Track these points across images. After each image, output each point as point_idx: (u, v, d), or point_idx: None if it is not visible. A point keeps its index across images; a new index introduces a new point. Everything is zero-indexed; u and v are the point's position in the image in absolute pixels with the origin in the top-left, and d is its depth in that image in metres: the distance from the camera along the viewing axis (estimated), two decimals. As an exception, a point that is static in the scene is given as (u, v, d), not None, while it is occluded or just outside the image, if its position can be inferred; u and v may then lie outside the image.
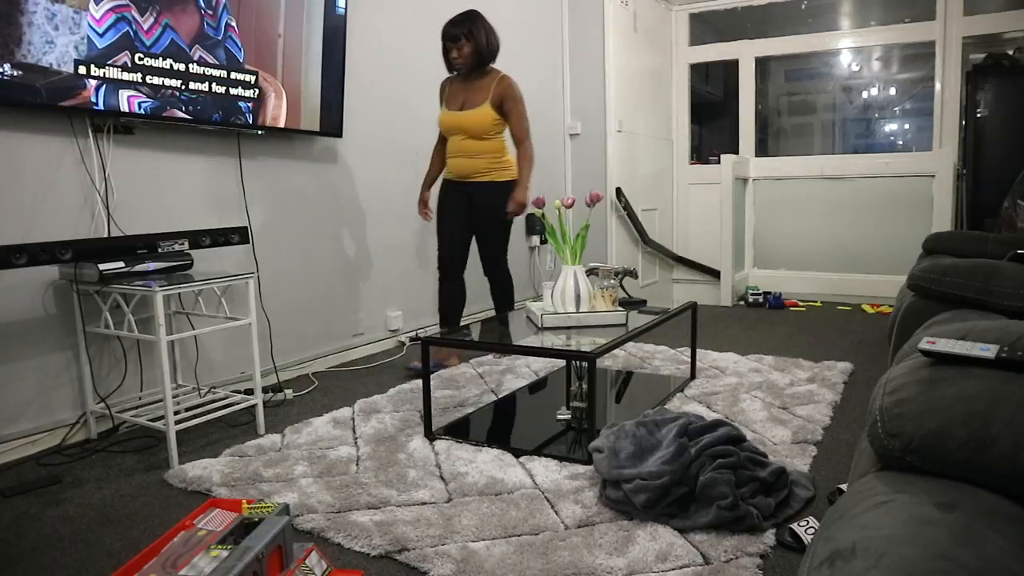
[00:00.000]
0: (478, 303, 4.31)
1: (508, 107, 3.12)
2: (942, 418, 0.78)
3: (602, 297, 2.57)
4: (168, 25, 2.47)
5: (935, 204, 4.62)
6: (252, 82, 2.78)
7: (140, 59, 2.39)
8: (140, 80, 2.39)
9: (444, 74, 4.07)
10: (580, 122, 4.91)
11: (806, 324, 4.25)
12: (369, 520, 1.74)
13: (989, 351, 0.82)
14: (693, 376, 2.99)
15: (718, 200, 5.00)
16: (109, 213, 2.45)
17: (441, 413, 2.58)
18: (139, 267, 2.27)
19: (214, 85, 2.63)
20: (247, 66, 2.75)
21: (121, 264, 2.23)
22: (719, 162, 4.99)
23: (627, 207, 4.81)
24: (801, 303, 4.93)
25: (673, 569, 1.51)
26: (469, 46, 3.09)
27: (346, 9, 3.16)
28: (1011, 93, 4.56)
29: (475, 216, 3.19)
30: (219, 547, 1.43)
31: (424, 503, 1.85)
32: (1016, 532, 0.65)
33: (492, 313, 3.45)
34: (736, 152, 5.28)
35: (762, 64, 5.55)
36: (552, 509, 1.79)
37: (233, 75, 2.70)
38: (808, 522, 1.65)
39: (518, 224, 4.67)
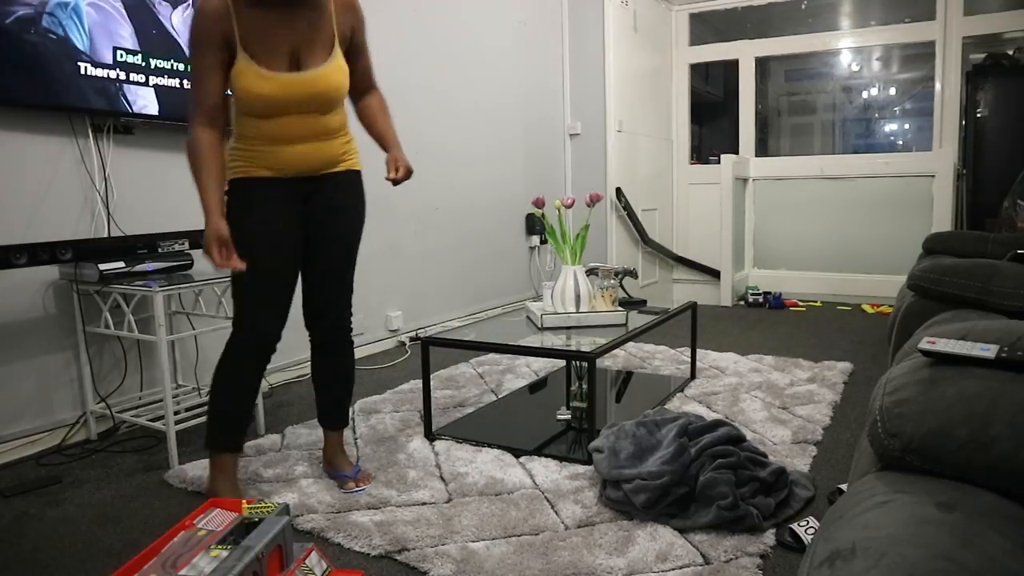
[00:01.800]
0: (485, 300, 4.32)
1: (360, 39, 1.92)
2: (942, 418, 0.78)
3: (602, 297, 2.57)
4: (166, 24, 2.47)
5: (935, 204, 4.62)
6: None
7: (140, 58, 2.39)
8: (143, 80, 2.39)
9: (450, 68, 4.08)
10: (580, 122, 4.91)
11: (806, 324, 4.25)
12: (369, 520, 1.74)
13: (989, 351, 0.82)
14: (693, 376, 2.99)
15: (718, 200, 5.00)
16: (109, 213, 2.45)
17: (441, 413, 2.58)
18: (139, 267, 2.27)
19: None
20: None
21: (121, 264, 2.23)
22: (719, 162, 4.99)
23: (627, 207, 4.81)
24: (801, 303, 4.93)
25: (673, 569, 1.51)
26: None
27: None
28: (1011, 93, 4.55)
29: (319, 229, 1.91)
30: (219, 547, 1.43)
31: (424, 503, 1.85)
32: (1016, 532, 0.65)
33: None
34: (736, 152, 5.28)
35: (762, 64, 5.55)
36: (552, 509, 1.79)
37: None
38: (808, 522, 1.65)
39: (518, 224, 4.68)
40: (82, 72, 2.24)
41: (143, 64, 2.40)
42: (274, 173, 1.83)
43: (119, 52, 2.33)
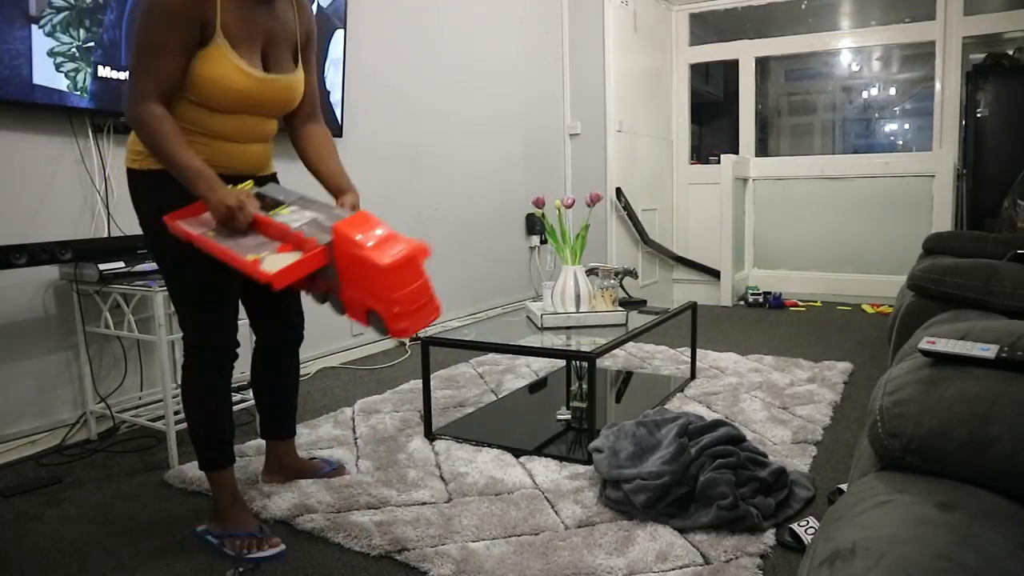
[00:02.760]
0: (485, 300, 4.32)
1: (310, 53, 1.82)
2: (942, 418, 0.78)
3: (602, 297, 2.57)
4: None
5: (935, 204, 4.62)
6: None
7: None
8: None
9: (450, 68, 4.08)
10: (580, 122, 4.91)
11: (806, 324, 4.25)
12: (369, 520, 1.74)
13: (989, 351, 0.82)
14: (693, 376, 2.99)
15: (718, 200, 5.00)
16: (109, 213, 2.45)
17: (441, 413, 2.58)
18: (139, 267, 2.26)
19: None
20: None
21: (121, 264, 2.23)
22: (719, 162, 4.99)
23: (627, 207, 4.81)
24: (801, 303, 4.93)
25: (673, 569, 1.51)
26: None
27: (345, 6, 3.16)
28: (1011, 93, 4.56)
29: None
30: (279, 209, 1.53)
31: (424, 503, 1.85)
32: (1016, 532, 0.65)
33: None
34: (736, 152, 5.28)
35: (762, 64, 5.55)
36: (552, 509, 1.79)
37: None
38: (808, 522, 1.65)
39: (518, 224, 4.67)
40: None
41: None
42: (222, 171, 1.63)
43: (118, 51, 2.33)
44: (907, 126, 6.05)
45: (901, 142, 6.08)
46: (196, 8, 1.51)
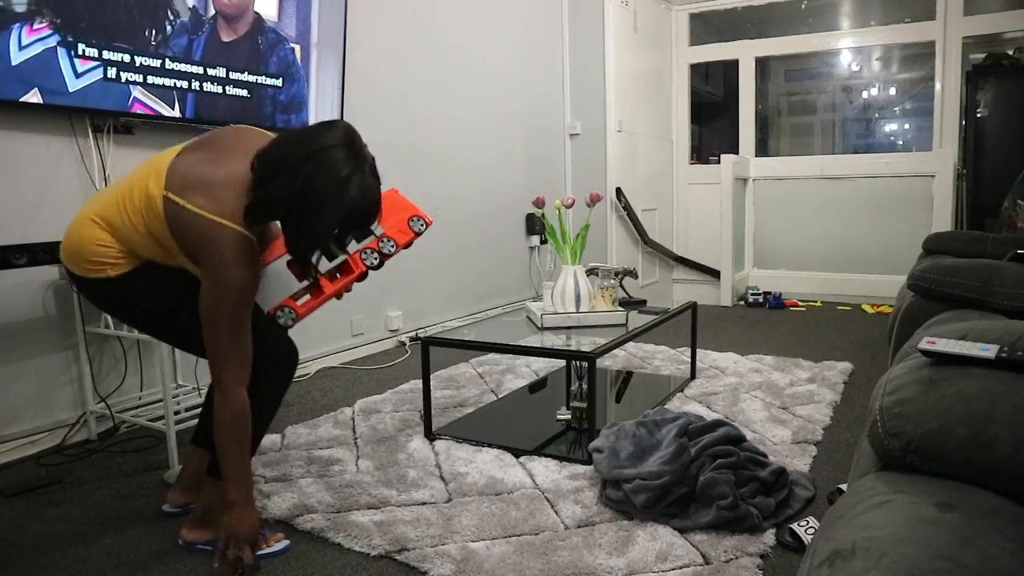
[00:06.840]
0: (485, 300, 4.32)
1: None
2: (942, 418, 0.78)
3: (602, 297, 2.57)
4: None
5: (935, 204, 4.62)
6: (253, 83, 2.77)
7: (139, 59, 2.39)
8: (141, 80, 2.39)
9: (450, 68, 4.08)
10: (580, 122, 4.91)
11: (806, 324, 4.25)
12: (369, 520, 1.74)
13: (989, 351, 0.82)
14: (693, 376, 2.99)
15: (718, 200, 5.00)
16: (109, 213, 2.45)
17: (441, 413, 2.58)
18: (139, 267, 2.26)
19: (213, 85, 2.63)
20: (247, 66, 2.75)
21: (121, 264, 2.23)
22: (719, 162, 4.99)
23: (627, 207, 4.81)
24: (801, 303, 4.93)
25: (673, 569, 1.51)
26: None
27: (346, 7, 3.16)
28: (1011, 93, 4.56)
29: None
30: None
31: (424, 503, 1.85)
32: (1016, 532, 0.65)
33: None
34: (736, 152, 5.28)
35: (762, 64, 5.55)
36: (552, 509, 1.79)
37: (232, 75, 2.70)
38: (808, 522, 1.65)
39: (518, 224, 4.67)
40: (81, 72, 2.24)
41: (140, 64, 2.40)
42: None
43: (117, 53, 2.33)
44: (907, 126, 6.05)
45: (901, 142, 6.08)
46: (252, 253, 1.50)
